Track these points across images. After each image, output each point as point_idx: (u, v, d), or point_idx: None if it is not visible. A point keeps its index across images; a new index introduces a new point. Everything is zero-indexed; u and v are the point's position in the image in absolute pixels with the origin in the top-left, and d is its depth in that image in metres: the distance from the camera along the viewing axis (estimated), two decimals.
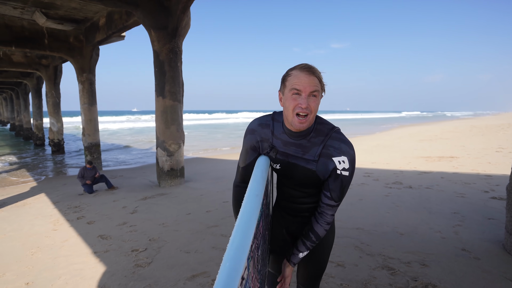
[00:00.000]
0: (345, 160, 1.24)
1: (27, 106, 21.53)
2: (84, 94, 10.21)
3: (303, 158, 1.30)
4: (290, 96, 1.20)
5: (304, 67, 1.19)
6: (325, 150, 1.26)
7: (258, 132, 1.38)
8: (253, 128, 1.39)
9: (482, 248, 3.24)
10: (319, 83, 1.19)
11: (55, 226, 4.47)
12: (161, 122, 6.77)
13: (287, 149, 1.33)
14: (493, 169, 7.21)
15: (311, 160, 1.29)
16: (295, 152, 1.32)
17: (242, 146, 1.46)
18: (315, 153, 1.27)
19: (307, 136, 1.29)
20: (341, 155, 1.24)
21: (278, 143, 1.34)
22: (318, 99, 1.21)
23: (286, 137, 1.32)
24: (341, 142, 1.26)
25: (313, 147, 1.28)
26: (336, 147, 1.25)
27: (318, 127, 1.29)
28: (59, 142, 14.55)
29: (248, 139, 1.41)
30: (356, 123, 43.33)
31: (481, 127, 23.44)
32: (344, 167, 1.25)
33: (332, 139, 1.26)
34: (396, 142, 14.42)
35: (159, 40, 6.47)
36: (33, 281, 2.85)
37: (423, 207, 4.64)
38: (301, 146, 1.30)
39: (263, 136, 1.37)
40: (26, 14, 8.18)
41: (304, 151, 1.30)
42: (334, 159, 1.25)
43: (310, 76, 1.17)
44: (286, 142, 1.33)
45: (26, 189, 7.32)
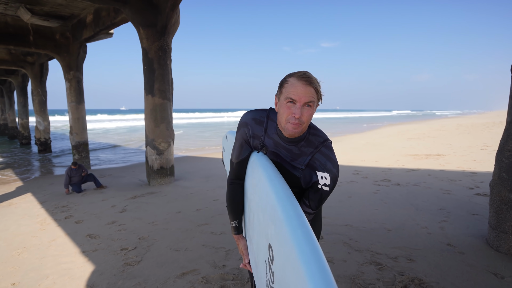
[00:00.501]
0: (327, 177, 1.27)
1: (12, 105, 21.02)
2: (71, 92, 10.03)
3: (291, 164, 1.33)
4: (285, 104, 1.20)
5: (302, 76, 1.18)
6: (312, 162, 1.29)
7: (251, 127, 1.38)
8: (246, 121, 1.39)
9: (466, 242, 3.33)
10: (315, 93, 1.19)
11: (42, 226, 4.39)
12: (150, 121, 6.71)
13: (277, 150, 1.35)
14: (478, 167, 7.40)
15: (298, 168, 1.31)
16: (284, 155, 1.34)
17: (235, 141, 1.45)
18: (303, 162, 1.30)
19: (298, 143, 1.30)
20: (324, 172, 1.26)
21: (269, 142, 1.35)
22: (313, 109, 1.21)
23: (278, 139, 1.33)
24: (327, 159, 1.27)
25: (302, 155, 1.30)
26: (322, 163, 1.27)
27: (310, 137, 1.31)
28: (46, 141, 14.26)
29: (242, 132, 1.41)
30: (346, 121, 43.77)
31: (467, 125, 24.00)
32: (325, 182, 1.27)
33: (320, 153, 1.28)
34: (385, 140, 14.63)
35: (148, 37, 6.40)
36: (20, 282, 2.80)
37: (410, 204, 4.73)
38: (291, 152, 1.32)
39: (255, 132, 1.38)
40: (9, 10, 7.97)
41: (292, 157, 1.32)
42: (318, 173, 1.28)
43: (307, 86, 1.17)
44: (277, 144, 1.34)
45: (11, 188, 7.16)
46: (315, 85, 1.18)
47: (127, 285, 2.65)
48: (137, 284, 2.65)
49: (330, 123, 37.94)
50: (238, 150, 1.44)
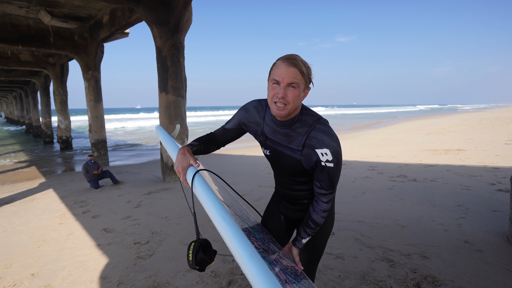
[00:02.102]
0: (327, 153, 1.24)
1: (36, 105, 21.89)
2: (90, 91, 10.33)
3: (289, 147, 1.34)
4: (271, 85, 1.24)
5: (286, 58, 1.20)
6: (309, 141, 1.27)
7: (251, 113, 1.43)
8: (248, 108, 1.45)
9: (485, 240, 3.20)
10: (299, 74, 1.19)
11: (62, 220, 4.56)
12: (164, 118, 6.82)
13: (274, 136, 1.37)
14: (501, 162, 7.08)
15: (296, 149, 1.31)
16: (281, 140, 1.35)
17: (234, 114, 1.53)
18: (299, 142, 1.30)
19: (292, 125, 1.31)
20: (323, 147, 1.24)
21: (267, 129, 1.39)
22: (298, 90, 1.21)
23: (274, 125, 1.36)
24: (324, 134, 1.25)
25: (297, 136, 1.30)
26: (319, 139, 1.25)
27: (304, 118, 1.31)
28: (67, 139, 14.78)
29: (239, 113, 1.48)
30: (362, 117, 42.95)
31: (490, 119, 23.01)
32: (327, 159, 1.25)
33: (316, 130, 1.27)
34: (402, 136, 14.26)
35: (161, 35, 6.48)
36: (38, 272, 2.92)
37: (426, 200, 4.60)
38: (286, 135, 1.33)
39: (255, 119, 1.43)
40: (31, 13, 8.28)
41: (289, 140, 1.33)
42: (316, 150, 1.26)
43: (290, 67, 1.18)
44: (274, 130, 1.37)
45: (35, 185, 7.47)
46: (300, 66, 1.19)
47: (138, 277, 2.71)
48: (148, 277, 2.71)
49: (345, 119, 37.35)
50: (229, 119, 1.52)
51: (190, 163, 1.29)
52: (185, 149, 1.35)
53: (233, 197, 1.63)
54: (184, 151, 1.33)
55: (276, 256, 1.42)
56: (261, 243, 1.45)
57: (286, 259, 1.42)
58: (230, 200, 1.56)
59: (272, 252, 1.43)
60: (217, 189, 1.52)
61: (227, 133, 1.52)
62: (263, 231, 1.58)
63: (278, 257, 1.42)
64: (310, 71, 1.25)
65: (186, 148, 1.36)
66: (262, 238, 1.49)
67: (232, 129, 1.50)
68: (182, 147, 1.37)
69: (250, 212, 1.68)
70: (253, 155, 10.14)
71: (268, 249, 1.43)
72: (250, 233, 1.48)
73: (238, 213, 1.55)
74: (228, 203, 1.49)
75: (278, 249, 1.49)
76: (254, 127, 1.44)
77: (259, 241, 1.46)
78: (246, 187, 5.92)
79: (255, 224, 1.60)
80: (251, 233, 1.49)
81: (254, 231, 1.53)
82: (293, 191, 1.50)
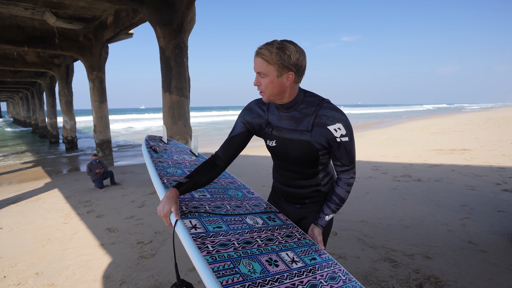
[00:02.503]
0: (340, 127, 1.26)
1: (42, 105, 22.12)
2: (94, 92, 10.41)
3: (297, 130, 1.32)
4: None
5: (256, 50, 1.24)
6: (318, 120, 1.28)
7: (255, 110, 1.44)
8: (251, 107, 1.46)
9: (490, 240, 3.17)
10: (264, 62, 1.21)
11: (66, 220, 4.61)
12: (168, 118, 6.84)
13: (281, 123, 1.37)
14: (507, 161, 7.00)
15: (305, 130, 1.30)
16: (288, 125, 1.34)
17: (235, 120, 1.51)
18: (308, 123, 1.30)
19: (297, 107, 1.32)
20: (335, 122, 1.26)
21: (273, 118, 1.39)
22: (268, 78, 1.23)
23: (279, 111, 1.37)
24: (332, 110, 1.27)
25: (305, 118, 1.31)
26: (329, 116, 1.26)
27: (308, 99, 1.32)
28: (73, 140, 14.91)
29: (242, 114, 1.47)
30: (367, 116, 42.73)
31: (497, 119, 22.75)
32: (341, 133, 1.26)
33: (324, 108, 1.28)
34: (407, 135, 14.16)
35: (165, 36, 6.51)
36: (42, 271, 2.95)
37: (430, 200, 4.56)
38: (293, 118, 1.33)
39: (258, 113, 1.43)
40: (37, 15, 8.38)
41: (297, 123, 1.32)
42: (329, 127, 1.26)
43: (255, 58, 1.23)
44: (280, 117, 1.37)
45: (40, 184, 7.56)
46: (262, 55, 1.20)
47: (140, 277, 2.73)
48: (150, 277, 2.72)
49: (350, 119, 37.22)
50: (232, 128, 1.49)
51: (171, 210, 1.24)
52: (173, 192, 1.28)
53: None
54: (170, 194, 1.27)
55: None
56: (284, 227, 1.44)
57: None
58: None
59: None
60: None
61: (234, 141, 1.46)
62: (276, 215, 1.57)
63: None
64: (282, 56, 1.18)
65: (173, 191, 1.29)
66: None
67: (240, 133, 1.45)
68: (171, 187, 1.31)
69: (261, 197, 1.72)
70: (256, 155, 10.14)
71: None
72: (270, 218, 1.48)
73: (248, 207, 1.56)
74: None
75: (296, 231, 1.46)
76: (258, 121, 1.43)
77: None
78: (249, 187, 5.92)
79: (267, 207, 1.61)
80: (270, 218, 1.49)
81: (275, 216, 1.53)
82: (296, 188, 1.47)
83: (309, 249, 1.33)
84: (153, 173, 1.58)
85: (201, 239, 1.15)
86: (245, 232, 1.29)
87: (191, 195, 1.49)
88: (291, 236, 1.38)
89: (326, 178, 1.47)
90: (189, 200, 1.43)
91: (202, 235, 1.18)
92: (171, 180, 1.56)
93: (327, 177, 1.47)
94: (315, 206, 1.50)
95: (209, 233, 1.21)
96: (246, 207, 1.54)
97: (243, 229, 1.31)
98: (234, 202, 1.56)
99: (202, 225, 1.25)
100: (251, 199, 1.67)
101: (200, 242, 1.13)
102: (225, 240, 1.19)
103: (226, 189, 1.72)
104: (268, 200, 1.71)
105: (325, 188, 1.48)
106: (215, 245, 1.14)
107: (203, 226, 1.24)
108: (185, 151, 2.18)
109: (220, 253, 1.10)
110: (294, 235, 1.40)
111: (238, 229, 1.30)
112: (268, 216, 1.50)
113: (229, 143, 1.46)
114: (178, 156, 2.01)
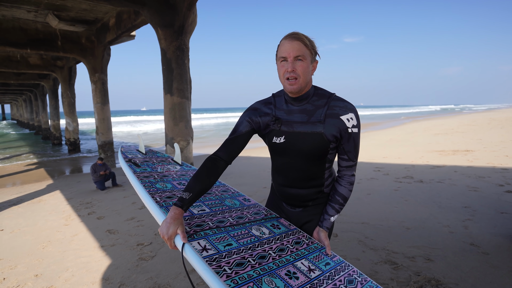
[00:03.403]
0: (352, 117, 1.29)
1: (45, 107, 22.26)
2: (96, 94, 10.46)
3: (309, 122, 1.32)
4: (280, 64, 1.29)
5: (288, 35, 1.26)
6: (330, 110, 1.30)
7: (260, 109, 1.42)
8: (256, 107, 1.44)
9: (492, 242, 3.13)
10: (304, 46, 1.24)
11: (67, 221, 4.61)
12: (169, 119, 6.85)
13: (291, 117, 1.36)
14: (510, 163, 6.94)
15: (317, 121, 1.31)
16: (300, 118, 1.34)
17: (238, 120, 1.45)
18: (321, 114, 1.31)
19: (309, 99, 1.34)
20: (348, 112, 1.29)
21: (281, 113, 1.38)
22: (305, 62, 1.25)
23: (290, 106, 1.37)
24: (343, 101, 1.32)
25: (317, 109, 1.32)
26: (342, 106, 1.30)
27: (319, 91, 1.36)
28: (75, 141, 14.98)
29: (247, 113, 1.43)
30: (369, 118, 42.59)
31: (500, 119, 22.60)
32: (353, 124, 1.30)
33: (335, 100, 1.32)
34: (409, 137, 14.10)
35: (166, 38, 6.53)
36: (42, 273, 2.95)
37: (432, 202, 4.52)
38: (305, 111, 1.34)
39: (265, 111, 1.41)
40: (39, 17, 8.43)
41: (309, 115, 1.33)
42: (342, 117, 1.29)
43: (293, 41, 1.23)
44: (289, 111, 1.36)
45: (42, 186, 7.58)
46: (302, 39, 1.24)
47: (139, 279, 2.72)
48: (149, 279, 2.71)
49: None
50: (236, 127, 1.43)
51: (177, 232, 1.15)
52: (177, 212, 1.19)
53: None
54: (175, 215, 1.18)
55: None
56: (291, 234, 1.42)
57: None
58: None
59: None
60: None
61: (238, 141, 1.40)
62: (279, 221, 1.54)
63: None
64: (313, 44, 1.28)
65: (177, 210, 1.19)
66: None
67: (244, 133, 1.40)
68: (172, 206, 1.21)
69: (260, 205, 1.70)
70: (259, 156, 10.13)
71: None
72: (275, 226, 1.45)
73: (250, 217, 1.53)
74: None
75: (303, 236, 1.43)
76: (265, 119, 1.40)
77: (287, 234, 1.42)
78: (251, 188, 5.91)
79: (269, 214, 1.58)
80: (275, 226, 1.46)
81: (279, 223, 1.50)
82: (300, 188, 1.43)
83: (320, 254, 1.31)
84: (143, 192, 1.46)
85: (215, 261, 1.08)
86: (255, 246, 1.24)
87: (190, 211, 1.42)
88: (300, 243, 1.35)
89: (329, 179, 1.45)
90: (190, 218, 1.35)
91: (215, 257, 1.10)
92: (163, 197, 1.46)
93: (330, 178, 1.46)
94: (318, 208, 1.48)
95: (222, 253, 1.14)
96: (248, 216, 1.50)
97: (253, 243, 1.26)
98: (234, 213, 1.52)
99: (212, 245, 1.17)
100: (250, 207, 1.63)
101: (216, 266, 1.05)
102: (240, 259, 1.13)
103: (222, 199, 1.66)
104: (267, 204, 1.68)
105: (328, 189, 1.46)
106: (232, 266, 1.08)
107: (214, 247, 1.16)
108: (167, 160, 2.06)
109: (240, 275, 1.04)
110: (302, 241, 1.37)
111: (249, 243, 1.25)
112: (272, 224, 1.46)
113: (232, 143, 1.40)
114: (162, 167, 1.88)
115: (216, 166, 1.35)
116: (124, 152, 1.94)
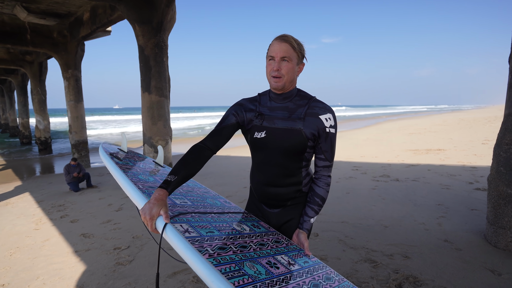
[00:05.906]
0: (330, 118, 1.38)
1: (13, 104, 21.09)
2: (70, 91, 10.01)
3: (290, 119, 1.39)
4: (268, 62, 1.38)
5: (278, 36, 1.35)
6: (310, 110, 1.39)
7: (245, 105, 1.49)
8: (242, 103, 1.51)
9: (464, 239, 3.27)
10: (291, 49, 1.33)
11: (37, 226, 4.37)
12: (147, 118, 6.67)
13: (274, 113, 1.43)
14: (478, 161, 7.31)
15: (298, 118, 1.38)
16: (282, 114, 1.41)
17: (224, 114, 1.51)
18: (302, 112, 1.39)
19: (292, 98, 1.42)
20: (327, 113, 1.38)
21: (264, 110, 1.45)
22: (291, 64, 1.34)
23: (273, 103, 1.44)
24: (323, 103, 1.42)
25: (298, 108, 1.40)
26: (321, 107, 1.39)
27: (301, 93, 1.45)
28: (46, 140, 14.27)
29: (233, 108, 1.50)
30: (347, 118, 43.57)
31: (469, 120, 23.80)
32: (331, 124, 1.38)
33: (315, 101, 1.42)
34: (385, 136, 14.54)
35: (144, 34, 6.34)
36: (9, 283, 2.77)
37: (408, 200, 4.67)
38: (287, 108, 1.41)
39: (249, 107, 1.48)
40: (6, 9, 7.92)
41: (290, 112, 1.40)
42: (320, 117, 1.37)
43: (282, 43, 1.32)
44: (272, 108, 1.44)
45: (10, 188, 7.16)
46: (290, 42, 1.33)
47: (117, 285, 2.62)
48: (127, 284, 2.61)
49: None
50: (222, 119, 1.49)
51: (160, 213, 1.11)
52: (161, 193, 1.17)
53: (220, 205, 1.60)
54: (159, 196, 1.15)
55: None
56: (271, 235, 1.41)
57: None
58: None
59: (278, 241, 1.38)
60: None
61: (225, 131, 1.45)
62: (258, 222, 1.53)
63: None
64: (302, 47, 1.38)
65: (162, 191, 1.17)
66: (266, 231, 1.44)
67: (231, 125, 1.46)
68: (157, 189, 1.18)
69: (233, 204, 1.68)
70: (238, 156, 10.09)
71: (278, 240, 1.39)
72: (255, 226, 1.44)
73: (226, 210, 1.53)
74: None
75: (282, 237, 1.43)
76: (249, 115, 1.46)
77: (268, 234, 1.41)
78: (231, 188, 5.86)
79: (245, 213, 1.57)
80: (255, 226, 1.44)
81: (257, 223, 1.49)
82: (278, 186, 1.44)
83: (298, 253, 1.33)
84: (124, 178, 1.41)
85: (198, 242, 1.06)
86: (237, 237, 1.25)
87: (172, 201, 1.40)
88: (280, 242, 1.37)
89: (307, 178, 1.48)
90: (172, 205, 1.34)
91: (198, 239, 1.08)
92: (146, 186, 1.44)
93: (308, 177, 1.49)
94: (297, 208, 1.49)
95: (204, 237, 1.12)
96: (229, 215, 1.50)
97: (234, 234, 1.26)
98: (216, 209, 1.51)
99: (195, 230, 1.15)
100: (231, 208, 1.63)
101: (199, 245, 1.04)
102: (222, 244, 1.13)
103: (204, 198, 1.65)
104: (247, 207, 1.66)
105: (306, 188, 1.49)
106: (214, 248, 1.07)
107: (196, 231, 1.15)
108: (149, 161, 1.99)
109: (222, 256, 1.04)
110: (281, 241, 1.38)
111: (230, 234, 1.25)
112: (253, 224, 1.46)
113: (220, 133, 1.45)
114: (144, 165, 1.83)
115: (202, 154, 1.39)
116: (106, 148, 1.85)
